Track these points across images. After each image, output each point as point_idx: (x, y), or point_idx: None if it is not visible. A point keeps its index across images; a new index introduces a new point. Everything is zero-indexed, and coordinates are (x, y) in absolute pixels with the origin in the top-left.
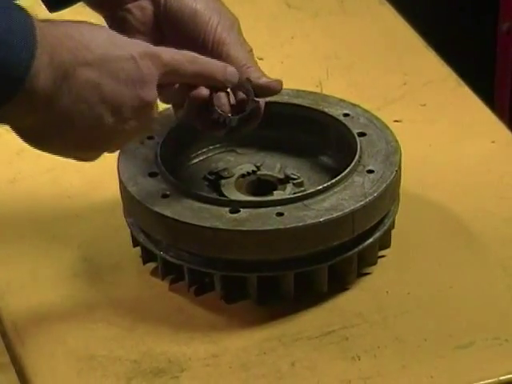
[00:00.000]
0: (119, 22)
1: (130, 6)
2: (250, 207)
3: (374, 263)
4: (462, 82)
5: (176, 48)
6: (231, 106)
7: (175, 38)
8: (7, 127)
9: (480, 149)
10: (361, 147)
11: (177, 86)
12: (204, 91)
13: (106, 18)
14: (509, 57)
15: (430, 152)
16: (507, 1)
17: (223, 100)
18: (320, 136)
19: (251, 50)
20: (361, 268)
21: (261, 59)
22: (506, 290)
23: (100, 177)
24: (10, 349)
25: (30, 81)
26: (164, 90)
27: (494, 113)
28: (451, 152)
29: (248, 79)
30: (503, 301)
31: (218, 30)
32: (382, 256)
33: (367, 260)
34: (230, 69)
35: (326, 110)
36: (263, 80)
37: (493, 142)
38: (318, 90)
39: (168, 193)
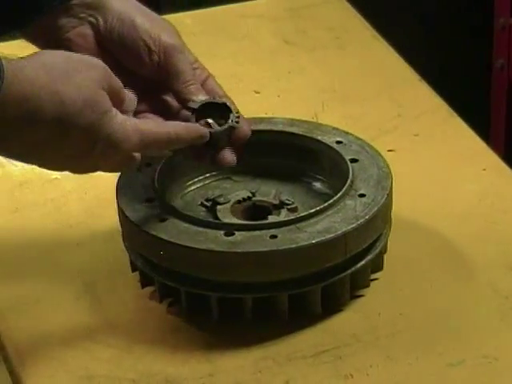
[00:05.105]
0: None
1: (68, 35)
2: (245, 230)
3: (367, 285)
4: (453, 113)
5: (126, 67)
6: None
7: (122, 56)
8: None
9: (471, 176)
10: (353, 172)
11: None
12: None
13: None
14: (503, 93)
15: (423, 180)
16: (500, 38)
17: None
18: (314, 163)
19: (196, 60)
20: (354, 290)
21: (258, 93)
22: (496, 310)
23: (100, 205)
24: (12, 372)
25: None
26: None
27: (489, 144)
28: (443, 179)
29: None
30: (493, 321)
31: (162, 37)
32: (375, 279)
33: (360, 282)
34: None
35: (319, 137)
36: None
37: (484, 169)
38: None
39: (165, 217)
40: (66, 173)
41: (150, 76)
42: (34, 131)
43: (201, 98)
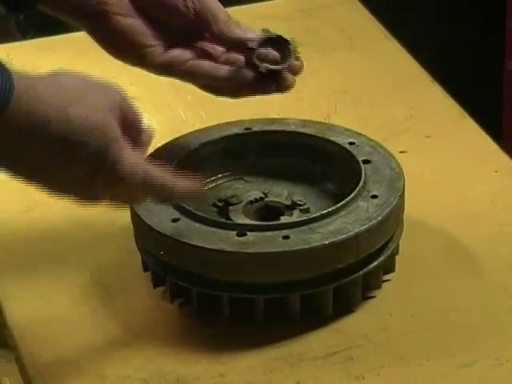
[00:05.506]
0: (98, 21)
1: None
2: (257, 231)
3: (379, 287)
4: (465, 114)
5: (162, 20)
6: None
7: (156, 10)
8: None
9: (483, 178)
10: (365, 174)
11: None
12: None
13: (83, 23)
14: None
15: (435, 181)
16: None
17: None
18: (326, 164)
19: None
20: (366, 291)
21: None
22: (508, 312)
23: None
24: (22, 372)
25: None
26: None
27: (501, 146)
28: (455, 181)
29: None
30: (505, 322)
31: None
32: (387, 280)
33: (372, 283)
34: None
35: (331, 138)
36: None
37: (496, 171)
38: None
39: (177, 217)
40: None
41: (184, 26)
42: (41, 148)
43: (249, 34)
